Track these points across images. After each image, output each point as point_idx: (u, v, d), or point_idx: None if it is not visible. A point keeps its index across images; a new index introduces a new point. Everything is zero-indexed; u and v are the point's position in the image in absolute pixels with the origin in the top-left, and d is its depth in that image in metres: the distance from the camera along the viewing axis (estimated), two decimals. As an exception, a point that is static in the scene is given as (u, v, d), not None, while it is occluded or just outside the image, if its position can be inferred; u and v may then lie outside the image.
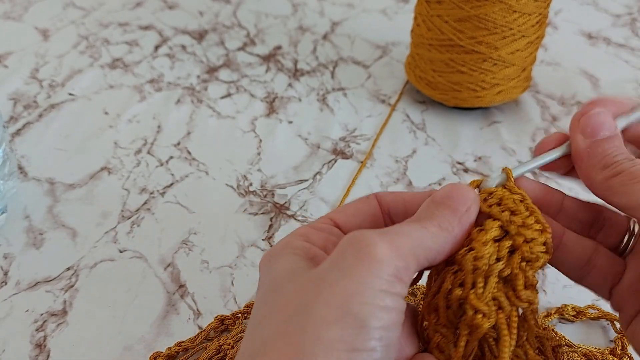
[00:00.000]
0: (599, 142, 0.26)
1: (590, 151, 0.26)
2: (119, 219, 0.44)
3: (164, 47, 0.64)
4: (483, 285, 0.23)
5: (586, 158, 0.27)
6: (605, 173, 0.26)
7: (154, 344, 0.36)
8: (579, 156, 0.27)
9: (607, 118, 0.27)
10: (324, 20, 0.69)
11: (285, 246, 0.25)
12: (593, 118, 0.27)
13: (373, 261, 0.21)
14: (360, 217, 0.27)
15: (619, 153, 0.26)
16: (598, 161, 0.26)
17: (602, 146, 0.26)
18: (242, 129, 0.53)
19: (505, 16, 0.47)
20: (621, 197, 0.25)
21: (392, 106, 0.56)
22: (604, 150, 0.26)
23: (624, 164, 0.25)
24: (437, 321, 0.24)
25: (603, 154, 0.26)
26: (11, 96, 0.56)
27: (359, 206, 0.28)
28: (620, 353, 0.35)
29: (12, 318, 0.37)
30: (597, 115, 0.27)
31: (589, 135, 0.27)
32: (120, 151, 0.50)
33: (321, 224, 0.27)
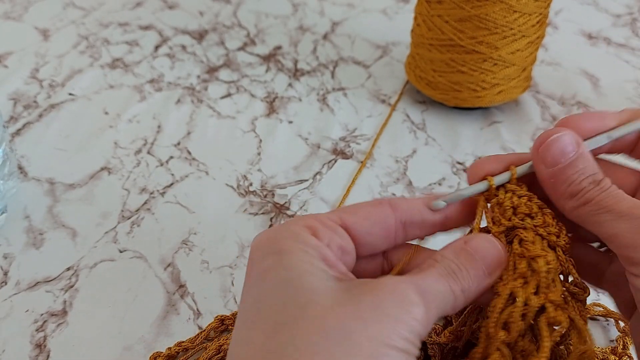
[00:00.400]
0: (562, 170, 0.25)
1: (555, 181, 0.26)
2: (119, 219, 0.44)
3: (164, 47, 0.64)
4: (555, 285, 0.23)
5: (552, 188, 0.26)
6: (573, 202, 0.25)
7: (154, 344, 0.36)
8: (545, 186, 0.26)
9: (567, 140, 0.26)
10: (324, 20, 0.69)
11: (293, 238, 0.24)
12: (552, 145, 0.26)
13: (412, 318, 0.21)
14: (371, 222, 0.26)
15: (584, 177, 0.25)
16: (564, 190, 0.25)
17: (565, 174, 0.25)
18: (242, 129, 0.53)
19: (506, 16, 0.47)
20: (592, 227, 0.25)
21: (392, 106, 0.56)
22: (568, 177, 0.25)
23: (590, 191, 0.25)
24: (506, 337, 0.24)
25: (567, 182, 0.25)
26: (11, 96, 0.56)
27: (372, 211, 0.26)
28: (620, 352, 0.35)
29: (12, 318, 0.37)
30: (555, 141, 0.26)
31: (550, 165, 0.26)
32: (120, 151, 0.50)
33: (328, 220, 0.25)
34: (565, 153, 0.25)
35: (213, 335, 0.36)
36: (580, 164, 0.25)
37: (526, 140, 0.52)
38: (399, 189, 0.47)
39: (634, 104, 0.56)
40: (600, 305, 0.37)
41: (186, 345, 0.35)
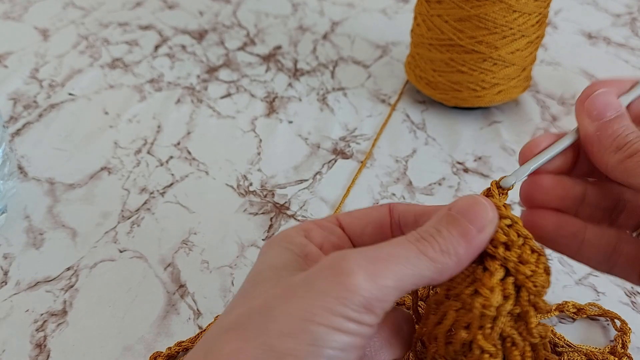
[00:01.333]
0: (608, 124, 0.25)
1: (600, 134, 0.25)
2: (119, 219, 0.44)
3: (164, 47, 0.64)
4: (491, 327, 0.22)
5: (597, 142, 0.25)
6: (619, 155, 0.25)
7: (154, 344, 0.36)
8: (589, 141, 0.26)
9: (612, 97, 0.26)
10: (324, 20, 0.69)
11: (283, 238, 0.25)
12: (598, 99, 0.26)
13: (344, 289, 0.20)
14: (365, 221, 0.27)
15: (630, 132, 0.25)
16: (610, 143, 0.25)
17: (612, 127, 0.25)
18: (242, 129, 0.53)
19: (505, 16, 0.47)
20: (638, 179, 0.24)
21: (392, 106, 0.56)
22: (614, 131, 0.25)
23: (637, 143, 0.24)
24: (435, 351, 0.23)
25: (614, 135, 0.25)
26: (11, 96, 0.56)
27: (368, 211, 0.27)
28: (620, 352, 0.35)
29: (12, 318, 0.37)
30: (601, 95, 0.26)
31: (596, 118, 0.26)
32: (120, 151, 0.50)
33: (325, 222, 0.26)
34: (611, 108, 0.25)
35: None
36: (625, 120, 0.25)
37: (526, 140, 0.52)
38: (399, 189, 0.47)
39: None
40: (596, 305, 0.37)
41: (186, 345, 0.35)
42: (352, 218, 0.27)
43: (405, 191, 0.47)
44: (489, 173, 0.49)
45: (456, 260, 0.22)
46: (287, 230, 0.26)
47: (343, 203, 0.46)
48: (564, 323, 0.38)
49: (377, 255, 0.21)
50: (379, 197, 0.46)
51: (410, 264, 0.21)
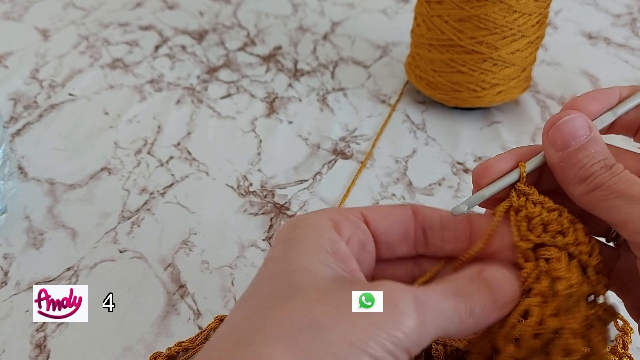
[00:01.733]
0: (572, 154, 0.25)
1: (564, 165, 0.25)
2: (119, 219, 0.44)
3: (164, 47, 0.64)
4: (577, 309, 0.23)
5: (561, 172, 0.25)
6: (583, 187, 0.24)
7: (154, 344, 0.36)
8: (554, 170, 0.25)
9: (579, 123, 0.25)
10: (324, 20, 0.69)
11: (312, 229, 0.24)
12: (563, 128, 0.25)
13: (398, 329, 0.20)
14: (391, 221, 0.26)
15: (596, 162, 0.24)
16: (574, 174, 0.24)
17: (576, 157, 0.24)
18: (242, 129, 0.53)
19: (506, 16, 0.47)
20: (602, 212, 0.24)
21: (392, 106, 0.56)
22: (578, 161, 0.24)
23: (601, 175, 0.24)
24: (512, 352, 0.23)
25: (578, 166, 0.24)
26: (11, 96, 0.56)
27: (392, 210, 0.26)
28: (621, 352, 0.35)
29: (12, 318, 0.37)
30: (567, 123, 0.25)
31: (560, 148, 0.25)
32: (120, 151, 0.50)
33: (351, 214, 0.25)
34: (577, 136, 0.25)
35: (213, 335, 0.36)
36: (591, 148, 0.24)
37: (526, 140, 0.52)
38: (399, 189, 0.47)
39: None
40: None
41: (186, 345, 0.35)
42: (377, 215, 0.26)
43: (405, 191, 0.47)
44: (489, 173, 0.49)
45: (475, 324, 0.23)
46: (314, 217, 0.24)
47: (343, 203, 0.46)
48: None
49: (428, 303, 0.21)
50: (379, 197, 0.46)
51: (447, 319, 0.22)
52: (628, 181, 0.24)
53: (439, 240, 0.27)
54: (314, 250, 0.23)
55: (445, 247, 0.27)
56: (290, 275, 0.22)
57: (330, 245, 0.23)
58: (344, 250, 0.24)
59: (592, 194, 0.24)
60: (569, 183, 0.25)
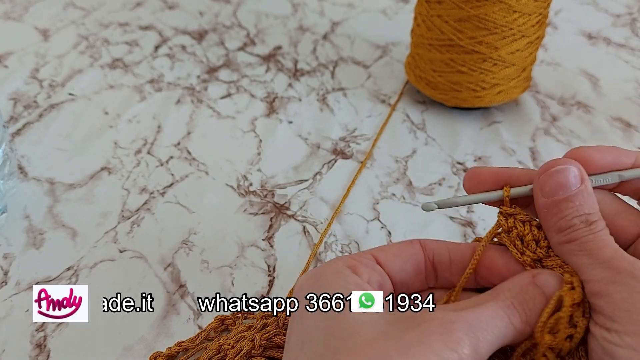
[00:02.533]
0: (556, 203, 0.25)
1: (547, 211, 0.25)
2: (119, 219, 0.44)
3: (164, 47, 0.64)
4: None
5: (543, 217, 0.26)
6: (559, 237, 0.25)
7: (154, 344, 0.36)
8: (538, 211, 0.26)
9: (571, 174, 0.25)
10: (324, 20, 0.69)
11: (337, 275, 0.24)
12: (553, 177, 0.25)
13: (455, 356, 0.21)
14: (403, 259, 0.27)
15: (577, 215, 0.24)
16: (554, 223, 0.25)
17: (559, 207, 0.25)
18: (242, 129, 0.53)
19: (505, 16, 0.47)
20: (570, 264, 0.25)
21: (392, 106, 0.56)
22: (560, 211, 0.25)
23: (579, 230, 0.24)
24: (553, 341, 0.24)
25: (559, 215, 0.25)
26: (11, 96, 0.56)
27: (402, 247, 0.27)
28: None
29: (12, 318, 0.37)
30: (557, 173, 0.25)
31: (547, 195, 0.25)
32: (120, 151, 0.50)
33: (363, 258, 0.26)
34: (565, 187, 0.25)
35: (213, 335, 0.36)
36: (577, 201, 0.25)
37: (526, 140, 0.52)
38: (399, 189, 0.47)
39: (634, 104, 0.56)
40: None
41: (186, 345, 0.35)
42: (388, 255, 0.26)
43: (405, 191, 0.47)
44: (489, 173, 0.49)
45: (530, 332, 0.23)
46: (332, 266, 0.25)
47: (343, 203, 0.46)
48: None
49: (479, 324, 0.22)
50: (379, 197, 0.46)
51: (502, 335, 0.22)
52: (601, 242, 0.24)
53: (448, 273, 0.27)
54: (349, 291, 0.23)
55: (454, 280, 0.27)
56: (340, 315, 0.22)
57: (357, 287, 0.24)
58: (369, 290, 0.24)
59: (565, 246, 0.25)
60: (547, 229, 0.26)
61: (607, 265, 0.23)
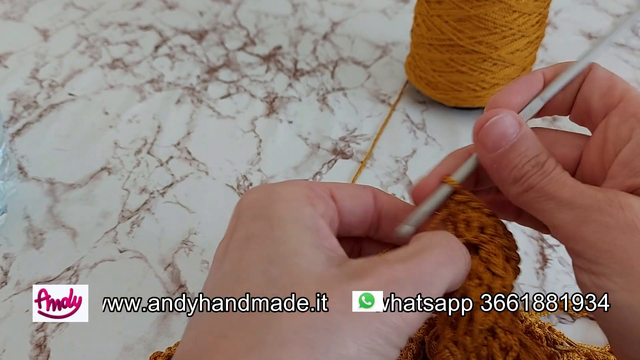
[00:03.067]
0: (503, 155, 0.24)
1: (497, 166, 0.24)
2: (119, 219, 0.44)
3: (164, 47, 0.64)
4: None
5: (495, 174, 0.25)
6: (517, 188, 0.24)
7: (154, 344, 0.36)
8: (488, 171, 0.25)
9: (508, 122, 0.24)
10: (324, 20, 0.69)
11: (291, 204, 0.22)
12: (492, 129, 0.24)
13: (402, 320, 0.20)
14: (355, 202, 0.25)
15: (527, 161, 0.24)
16: (507, 175, 0.24)
17: (507, 158, 0.24)
18: (242, 129, 0.53)
19: (505, 16, 0.47)
20: (537, 214, 0.24)
21: (392, 106, 0.56)
22: (510, 161, 0.24)
23: (533, 176, 0.23)
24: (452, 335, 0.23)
25: (510, 166, 0.24)
26: (11, 96, 0.56)
27: (357, 190, 0.26)
28: None
29: (12, 318, 0.37)
30: (495, 124, 0.24)
31: (492, 149, 0.24)
32: (120, 151, 0.50)
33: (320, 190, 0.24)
34: (507, 135, 0.24)
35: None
36: (522, 146, 0.24)
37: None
38: (399, 189, 0.47)
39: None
40: None
41: (186, 345, 0.35)
42: (343, 194, 0.25)
43: (405, 191, 0.47)
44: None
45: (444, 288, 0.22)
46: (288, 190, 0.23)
47: (343, 203, 0.46)
48: (564, 323, 0.38)
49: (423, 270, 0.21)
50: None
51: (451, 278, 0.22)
52: (558, 183, 0.23)
53: (390, 228, 0.26)
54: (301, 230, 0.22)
55: (392, 236, 0.26)
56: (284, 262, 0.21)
57: (312, 222, 0.22)
58: (323, 227, 0.23)
59: (526, 195, 0.24)
60: (502, 184, 0.25)
61: (572, 206, 0.22)
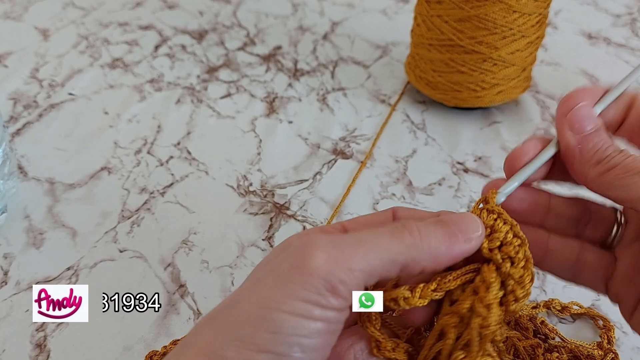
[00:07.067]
0: (589, 137, 0.26)
1: (582, 147, 0.26)
2: (119, 219, 0.44)
3: (164, 47, 0.64)
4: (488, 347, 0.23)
5: (578, 154, 0.26)
6: (599, 168, 0.25)
7: (154, 344, 0.36)
8: (570, 153, 0.27)
9: (591, 111, 0.27)
10: (324, 20, 0.69)
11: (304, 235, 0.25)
12: (580, 112, 0.26)
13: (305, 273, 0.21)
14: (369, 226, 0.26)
15: (609, 145, 0.26)
16: (590, 156, 0.26)
17: (592, 141, 0.26)
18: (242, 129, 0.53)
19: (505, 16, 0.47)
20: (618, 191, 0.25)
21: (392, 106, 0.56)
22: (595, 144, 0.26)
23: (616, 157, 0.25)
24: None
25: (594, 148, 0.26)
26: (11, 96, 0.56)
27: (373, 216, 0.27)
28: (606, 347, 0.36)
29: (12, 318, 0.37)
30: (583, 109, 0.26)
31: (578, 131, 0.26)
32: (120, 151, 0.50)
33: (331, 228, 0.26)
34: (592, 120, 0.26)
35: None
36: (603, 134, 0.26)
37: (526, 140, 0.52)
38: (399, 189, 0.47)
39: (634, 104, 0.56)
40: (577, 304, 0.38)
41: (186, 345, 0.35)
42: (357, 224, 0.26)
43: (405, 191, 0.47)
44: (489, 173, 0.49)
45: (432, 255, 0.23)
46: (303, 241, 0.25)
47: (343, 203, 0.46)
48: (564, 323, 0.38)
49: (345, 240, 0.22)
50: (379, 197, 0.46)
51: (382, 248, 0.22)
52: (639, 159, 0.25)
53: None
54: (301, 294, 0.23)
55: None
56: None
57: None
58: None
59: (609, 174, 0.25)
60: (584, 164, 0.26)
61: None
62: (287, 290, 0.21)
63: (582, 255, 0.28)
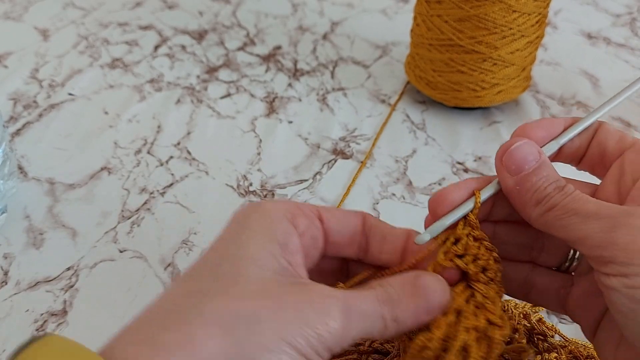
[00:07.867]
0: (527, 177, 0.25)
1: (520, 188, 0.26)
2: (119, 219, 0.44)
3: (163, 47, 0.64)
4: None
5: (517, 196, 0.26)
6: (539, 209, 0.25)
7: (154, 344, 0.36)
8: (510, 194, 0.26)
9: (530, 148, 0.26)
10: (324, 20, 0.69)
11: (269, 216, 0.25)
12: (516, 152, 0.26)
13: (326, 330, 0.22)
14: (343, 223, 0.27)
15: (549, 183, 0.25)
16: (530, 197, 0.25)
17: (530, 181, 0.25)
18: (242, 129, 0.53)
19: (505, 16, 0.47)
20: (559, 231, 0.25)
21: (392, 106, 0.56)
22: (533, 184, 0.25)
23: (555, 196, 0.25)
24: None
25: (533, 189, 0.25)
26: (11, 96, 0.56)
27: (347, 215, 0.28)
28: None
29: (12, 318, 0.37)
30: (519, 149, 0.26)
31: (515, 172, 0.26)
32: (120, 151, 0.50)
33: (308, 210, 0.27)
34: (528, 160, 0.26)
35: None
36: (543, 171, 0.26)
37: (526, 140, 0.52)
38: (399, 189, 0.47)
39: (634, 104, 0.57)
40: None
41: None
42: (332, 217, 0.27)
43: (405, 191, 0.47)
44: (488, 173, 0.49)
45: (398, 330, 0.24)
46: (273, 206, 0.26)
47: (343, 203, 0.46)
48: (564, 323, 0.38)
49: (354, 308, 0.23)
50: (379, 197, 0.46)
51: (371, 324, 0.23)
52: (581, 200, 0.24)
53: (378, 250, 0.28)
54: (265, 239, 0.24)
55: (382, 258, 0.28)
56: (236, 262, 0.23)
57: (282, 237, 0.24)
58: (294, 243, 0.25)
59: (548, 215, 0.25)
60: (525, 206, 0.26)
61: (598, 216, 0.23)
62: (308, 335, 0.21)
63: (530, 278, 0.28)
